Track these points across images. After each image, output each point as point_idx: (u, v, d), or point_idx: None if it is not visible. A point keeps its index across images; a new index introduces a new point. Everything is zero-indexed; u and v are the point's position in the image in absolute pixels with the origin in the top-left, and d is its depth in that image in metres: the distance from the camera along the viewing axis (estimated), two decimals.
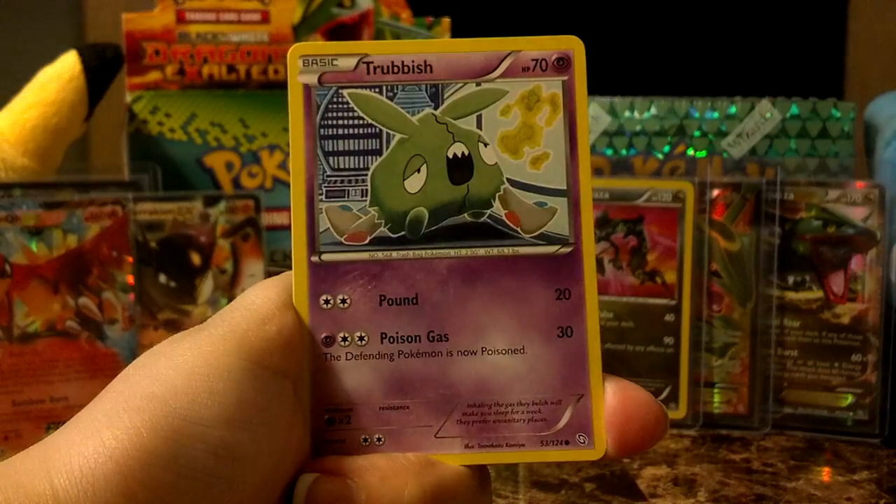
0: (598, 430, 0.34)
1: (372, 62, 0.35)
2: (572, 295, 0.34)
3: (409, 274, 0.34)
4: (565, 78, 0.35)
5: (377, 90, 0.35)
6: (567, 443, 0.34)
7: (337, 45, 0.35)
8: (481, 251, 0.34)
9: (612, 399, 0.34)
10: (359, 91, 0.35)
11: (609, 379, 0.34)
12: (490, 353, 0.34)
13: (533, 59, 0.35)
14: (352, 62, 0.35)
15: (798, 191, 0.73)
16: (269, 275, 0.65)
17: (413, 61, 0.35)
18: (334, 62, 0.35)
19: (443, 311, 0.34)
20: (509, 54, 0.35)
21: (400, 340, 0.34)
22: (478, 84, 0.35)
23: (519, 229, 0.35)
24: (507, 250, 0.34)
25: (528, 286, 0.34)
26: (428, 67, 0.35)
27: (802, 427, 0.72)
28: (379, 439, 0.34)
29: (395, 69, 0.35)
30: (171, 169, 0.82)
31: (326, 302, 0.34)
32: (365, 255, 0.34)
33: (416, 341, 0.34)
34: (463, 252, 0.34)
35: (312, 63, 0.35)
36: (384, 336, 0.34)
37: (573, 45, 0.35)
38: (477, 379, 0.34)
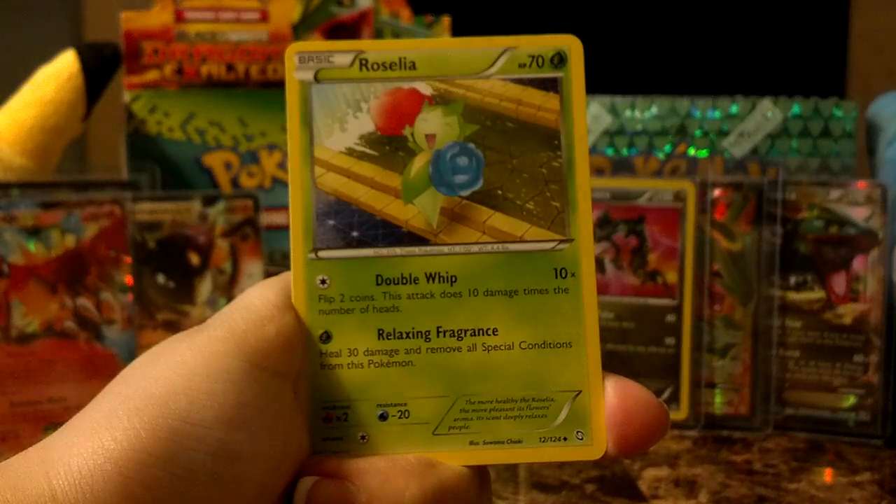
0: (598, 428, 0.34)
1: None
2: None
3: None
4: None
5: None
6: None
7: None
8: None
9: (613, 397, 0.34)
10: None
11: (610, 377, 0.34)
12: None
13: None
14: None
15: (800, 190, 0.73)
16: (268, 275, 0.65)
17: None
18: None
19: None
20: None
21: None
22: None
23: None
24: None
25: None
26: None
27: (804, 428, 0.72)
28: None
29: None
30: (169, 168, 0.82)
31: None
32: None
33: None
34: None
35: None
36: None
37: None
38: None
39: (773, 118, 0.80)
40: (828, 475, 0.65)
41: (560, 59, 0.35)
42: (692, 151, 0.80)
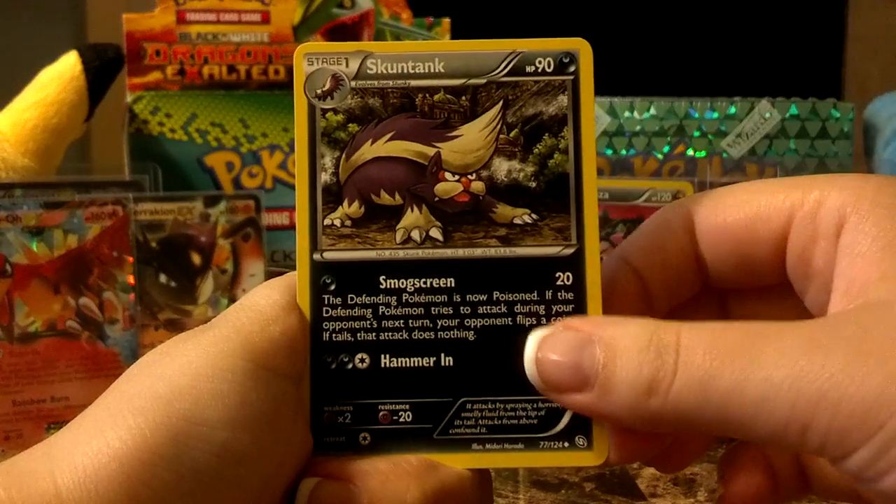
0: (600, 434, 0.34)
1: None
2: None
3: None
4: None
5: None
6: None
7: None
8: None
9: None
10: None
11: None
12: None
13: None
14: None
15: None
16: (269, 275, 0.65)
17: None
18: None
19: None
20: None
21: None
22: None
23: None
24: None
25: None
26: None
27: None
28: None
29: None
30: (171, 169, 0.82)
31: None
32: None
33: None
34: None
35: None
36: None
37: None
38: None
39: (771, 119, 0.80)
40: None
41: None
42: (690, 152, 0.81)
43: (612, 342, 0.30)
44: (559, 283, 0.34)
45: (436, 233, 0.34)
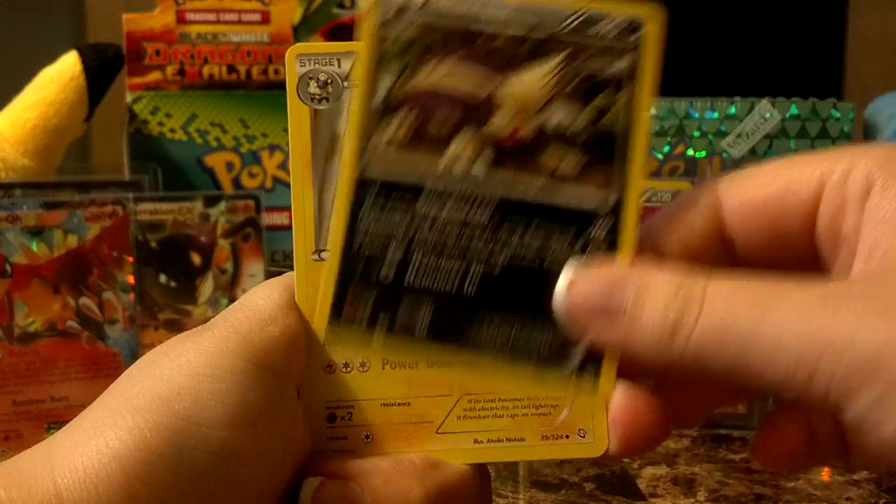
0: (599, 427, 0.34)
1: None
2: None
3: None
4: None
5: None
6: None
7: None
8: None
9: (617, 398, 0.34)
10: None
11: None
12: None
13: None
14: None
15: None
16: (269, 275, 0.65)
17: None
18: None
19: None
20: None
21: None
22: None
23: None
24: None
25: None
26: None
27: None
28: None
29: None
30: (171, 169, 0.83)
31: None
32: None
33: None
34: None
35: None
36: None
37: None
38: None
39: (771, 119, 0.80)
40: (825, 474, 0.65)
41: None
42: (690, 152, 0.81)
43: (643, 284, 0.31)
44: (593, 234, 0.34)
45: (479, 168, 0.34)
